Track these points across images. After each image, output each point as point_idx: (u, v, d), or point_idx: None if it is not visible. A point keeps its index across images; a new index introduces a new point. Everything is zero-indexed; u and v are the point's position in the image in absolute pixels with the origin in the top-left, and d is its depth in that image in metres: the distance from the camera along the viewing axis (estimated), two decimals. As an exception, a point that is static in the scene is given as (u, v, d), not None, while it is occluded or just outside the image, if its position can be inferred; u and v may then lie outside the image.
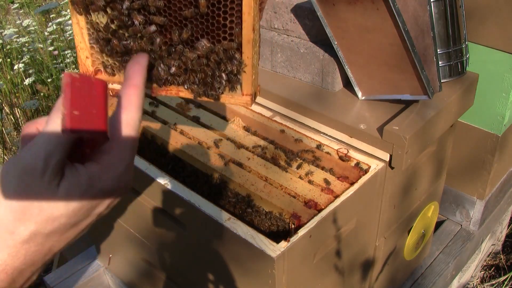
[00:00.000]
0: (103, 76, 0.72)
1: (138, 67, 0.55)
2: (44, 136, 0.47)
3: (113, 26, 0.69)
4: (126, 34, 0.69)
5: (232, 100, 0.70)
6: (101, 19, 0.69)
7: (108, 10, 0.68)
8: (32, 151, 0.47)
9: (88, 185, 0.50)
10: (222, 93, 0.70)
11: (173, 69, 0.68)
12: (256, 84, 0.71)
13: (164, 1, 0.66)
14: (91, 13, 0.69)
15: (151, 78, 0.69)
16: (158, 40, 0.68)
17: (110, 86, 0.72)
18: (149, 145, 1.23)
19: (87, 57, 0.71)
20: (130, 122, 0.52)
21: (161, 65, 0.69)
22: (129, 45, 0.69)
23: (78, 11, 0.69)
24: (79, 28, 0.70)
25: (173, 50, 0.68)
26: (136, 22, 0.67)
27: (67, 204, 0.48)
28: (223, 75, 0.69)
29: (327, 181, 1.04)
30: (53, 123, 0.48)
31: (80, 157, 0.51)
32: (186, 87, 0.70)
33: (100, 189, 0.51)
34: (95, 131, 0.47)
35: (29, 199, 0.47)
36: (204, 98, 0.71)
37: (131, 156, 0.53)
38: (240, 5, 0.64)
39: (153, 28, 0.67)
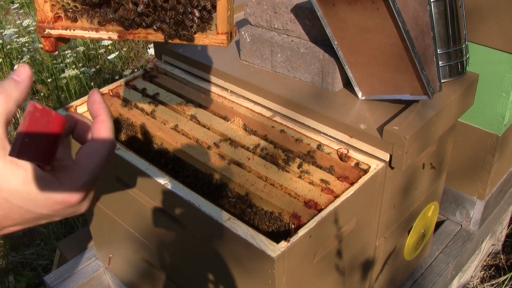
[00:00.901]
0: (63, 22, 0.67)
1: (98, 105, 0.59)
2: None
3: None
4: None
5: (206, 40, 0.67)
6: None
7: None
8: None
9: (40, 185, 0.52)
10: (195, 33, 0.66)
11: (141, 7, 0.65)
12: (232, 22, 0.68)
13: None
14: None
15: (116, 20, 0.66)
16: None
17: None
18: (149, 145, 1.23)
19: (45, 1, 0.66)
20: (96, 151, 0.57)
21: (128, 4, 0.65)
22: None
23: None
24: None
25: None
26: None
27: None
28: (195, 11, 0.64)
29: (327, 181, 1.04)
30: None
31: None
32: (155, 27, 0.66)
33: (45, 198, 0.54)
34: (37, 162, 0.51)
35: None
36: (176, 40, 0.67)
37: (87, 180, 0.55)
38: None
39: None
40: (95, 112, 0.59)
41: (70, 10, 0.68)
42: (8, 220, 0.55)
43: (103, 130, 0.58)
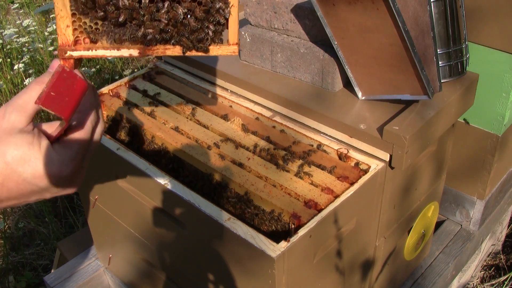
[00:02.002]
0: (84, 45, 0.71)
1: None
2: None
3: None
4: None
5: (220, 51, 0.73)
6: None
7: None
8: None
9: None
10: (210, 44, 0.72)
11: (162, 25, 0.69)
12: (238, 34, 0.75)
13: None
14: None
15: (138, 39, 0.70)
16: None
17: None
18: (149, 145, 1.23)
19: (68, 26, 0.70)
20: (84, 132, 0.64)
21: (150, 22, 0.69)
22: (118, 2, 0.69)
23: None
24: None
25: (161, 5, 0.69)
26: None
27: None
28: (211, 26, 0.71)
29: (327, 181, 1.04)
30: (30, 91, 0.60)
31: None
32: (173, 42, 0.71)
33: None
34: (58, 114, 0.59)
35: None
36: (194, 52, 0.72)
37: (76, 153, 0.62)
38: None
39: None
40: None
41: (92, 32, 0.71)
42: (4, 190, 0.58)
43: (87, 101, 0.65)
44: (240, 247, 0.94)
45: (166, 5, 0.70)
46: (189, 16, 0.70)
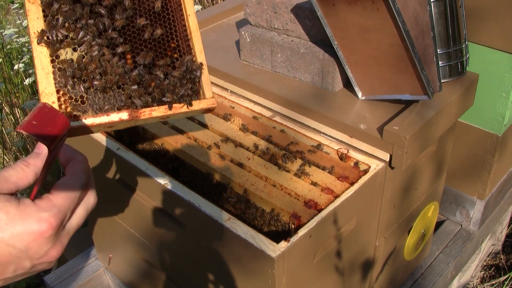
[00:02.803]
0: (70, 119, 0.72)
1: (71, 152, 0.65)
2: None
3: (84, 60, 0.73)
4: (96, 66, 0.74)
5: (201, 105, 0.79)
6: (71, 56, 0.73)
7: (78, 48, 0.74)
8: None
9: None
10: (191, 100, 0.78)
11: (149, 89, 0.75)
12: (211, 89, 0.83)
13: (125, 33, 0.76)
14: (60, 52, 0.72)
15: (127, 104, 0.74)
16: (127, 65, 0.75)
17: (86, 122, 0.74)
18: (149, 145, 1.23)
19: (53, 102, 0.72)
20: (70, 185, 0.61)
21: (134, 88, 0.75)
22: (104, 71, 0.74)
23: (50, 53, 0.72)
24: (44, 74, 0.71)
25: (149, 71, 0.76)
26: (107, 54, 0.74)
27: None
28: (188, 84, 0.79)
29: (327, 181, 1.04)
30: (15, 167, 0.60)
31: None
32: (155, 104, 0.76)
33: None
34: (40, 139, 0.59)
35: None
36: (177, 109, 0.77)
37: (59, 210, 0.58)
38: (189, 27, 0.81)
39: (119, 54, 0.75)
40: (69, 156, 0.64)
41: (79, 101, 0.73)
42: None
43: (78, 168, 0.63)
44: (240, 247, 0.94)
45: (146, 71, 0.76)
46: (168, 78, 0.77)
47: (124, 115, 0.73)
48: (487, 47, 1.34)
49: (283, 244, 0.88)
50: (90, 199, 0.63)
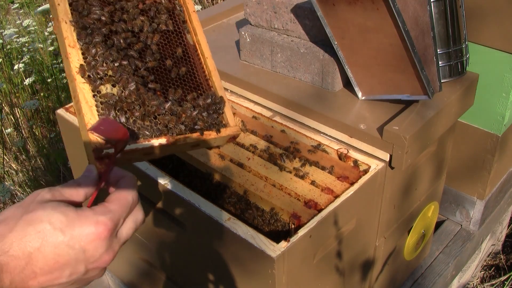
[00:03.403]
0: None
1: (120, 171, 0.69)
2: None
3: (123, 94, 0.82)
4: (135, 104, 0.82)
5: (227, 131, 0.88)
6: (111, 90, 0.81)
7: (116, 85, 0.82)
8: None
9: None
10: (220, 128, 0.87)
11: (182, 119, 0.84)
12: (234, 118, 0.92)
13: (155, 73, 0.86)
14: (100, 88, 0.80)
15: (163, 132, 0.82)
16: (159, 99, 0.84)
17: None
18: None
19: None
20: (123, 197, 0.65)
21: (168, 118, 0.83)
22: (142, 102, 0.82)
23: (92, 88, 0.79)
24: (88, 107, 0.78)
25: (179, 106, 0.84)
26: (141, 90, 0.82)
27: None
28: (214, 114, 0.88)
29: (327, 181, 1.04)
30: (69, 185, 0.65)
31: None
32: (188, 132, 0.84)
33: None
34: (108, 137, 0.69)
35: None
36: (208, 135, 0.85)
37: (112, 216, 0.62)
38: (205, 66, 0.92)
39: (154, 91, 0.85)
40: (120, 174, 0.69)
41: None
42: (40, 257, 0.55)
43: (130, 183, 0.67)
44: (240, 247, 0.94)
45: (176, 104, 0.85)
46: (196, 109, 0.86)
47: (162, 140, 0.81)
48: (487, 47, 1.34)
49: (283, 244, 0.88)
50: (139, 214, 0.66)
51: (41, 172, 2.42)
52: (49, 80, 2.92)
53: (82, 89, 0.79)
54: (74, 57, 0.81)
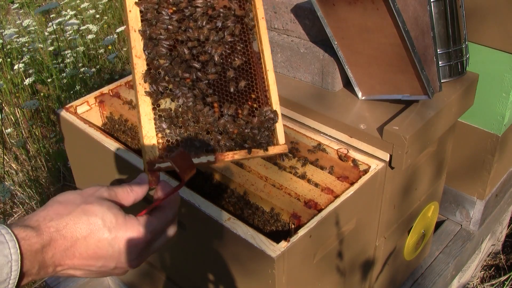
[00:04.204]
0: (166, 159, 0.82)
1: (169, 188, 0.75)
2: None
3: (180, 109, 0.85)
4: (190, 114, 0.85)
5: (275, 150, 0.89)
6: (169, 105, 0.84)
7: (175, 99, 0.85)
8: None
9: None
10: (268, 146, 0.88)
11: (233, 136, 0.86)
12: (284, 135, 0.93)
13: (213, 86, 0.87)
14: (160, 102, 0.83)
15: (214, 148, 0.85)
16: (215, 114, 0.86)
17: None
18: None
19: (154, 144, 0.82)
20: (165, 214, 0.71)
21: (220, 135, 0.85)
22: (197, 119, 0.85)
23: (152, 101, 0.83)
24: (147, 120, 0.81)
25: (233, 122, 0.87)
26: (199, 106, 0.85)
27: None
28: (265, 132, 0.89)
29: (327, 181, 1.04)
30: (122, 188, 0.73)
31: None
32: (237, 148, 0.86)
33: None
34: (180, 172, 0.73)
35: None
36: (255, 153, 0.87)
37: (154, 229, 0.69)
38: (268, 81, 0.92)
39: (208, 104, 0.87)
40: (168, 190, 0.74)
41: (174, 149, 0.82)
42: (82, 245, 0.62)
43: (175, 201, 0.73)
44: (240, 247, 0.94)
45: (230, 120, 0.86)
46: (248, 126, 0.88)
47: (211, 157, 0.83)
48: (487, 47, 1.34)
49: (283, 244, 0.88)
50: (172, 231, 0.73)
51: (41, 172, 2.42)
52: (49, 80, 2.92)
53: (144, 101, 0.82)
54: (139, 68, 0.83)
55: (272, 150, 0.89)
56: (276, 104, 0.92)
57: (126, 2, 0.85)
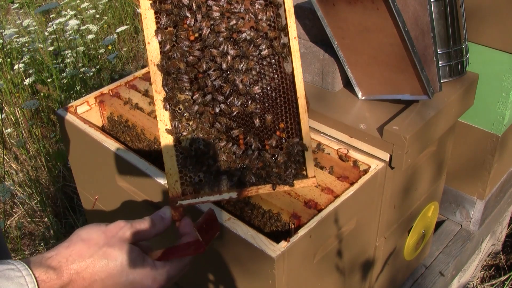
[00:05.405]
0: (190, 195, 0.82)
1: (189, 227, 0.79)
2: None
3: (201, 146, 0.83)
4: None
5: (302, 184, 0.85)
6: (195, 145, 0.82)
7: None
8: None
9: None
10: (294, 180, 0.84)
11: (254, 170, 0.83)
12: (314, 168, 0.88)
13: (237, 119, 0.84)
14: (181, 139, 0.82)
15: (236, 184, 0.83)
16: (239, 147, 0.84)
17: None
18: (149, 145, 1.23)
19: (176, 181, 0.81)
20: (182, 262, 0.78)
21: (248, 171, 0.83)
22: (217, 157, 0.83)
23: (174, 139, 0.81)
24: (169, 157, 0.81)
25: (252, 153, 0.84)
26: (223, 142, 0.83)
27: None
28: (293, 165, 0.85)
29: (327, 181, 1.04)
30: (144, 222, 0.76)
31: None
32: (262, 183, 0.83)
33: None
34: (200, 239, 0.76)
35: None
36: (280, 188, 0.84)
37: (168, 276, 0.75)
38: (298, 109, 0.86)
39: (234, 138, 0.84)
40: (189, 230, 0.79)
41: (196, 184, 0.82)
42: (98, 285, 0.67)
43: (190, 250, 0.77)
44: (240, 247, 0.94)
45: (255, 154, 0.83)
46: (275, 160, 0.83)
47: (233, 194, 0.82)
48: (487, 47, 1.34)
49: (283, 244, 0.88)
50: (186, 268, 0.79)
51: (41, 172, 2.42)
52: (49, 80, 2.92)
53: (165, 139, 0.81)
54: (159, 104, 0.81)
55: (299, 184, 0.85)
56: (306, 135, 0.85)
57: (145, 33, 0.80)
